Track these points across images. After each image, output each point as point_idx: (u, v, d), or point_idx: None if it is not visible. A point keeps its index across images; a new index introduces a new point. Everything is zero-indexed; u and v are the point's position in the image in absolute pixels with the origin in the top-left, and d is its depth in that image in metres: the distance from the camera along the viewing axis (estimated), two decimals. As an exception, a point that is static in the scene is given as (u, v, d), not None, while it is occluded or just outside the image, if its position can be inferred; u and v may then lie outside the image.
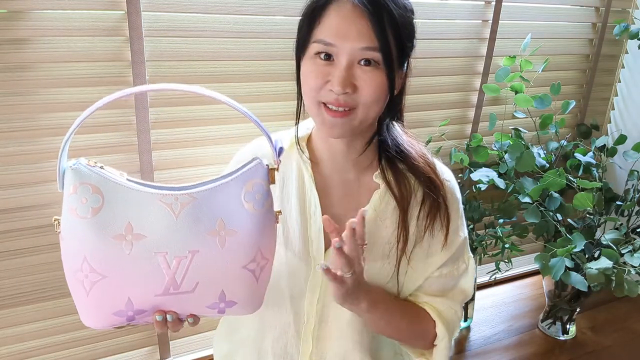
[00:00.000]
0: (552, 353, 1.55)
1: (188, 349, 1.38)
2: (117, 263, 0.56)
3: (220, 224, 0.58)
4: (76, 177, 0.57)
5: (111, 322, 0.60)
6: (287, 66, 1.22)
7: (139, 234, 0.56)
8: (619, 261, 1.31)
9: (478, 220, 1.50)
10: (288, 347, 0.84)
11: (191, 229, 0.57)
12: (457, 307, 0.86)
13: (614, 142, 1.58)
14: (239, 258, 0.60)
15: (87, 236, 0.55)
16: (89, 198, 0.56)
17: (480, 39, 1.50)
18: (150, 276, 0.57)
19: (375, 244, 0.79)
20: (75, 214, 0.56)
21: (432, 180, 0.79)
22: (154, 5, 1.05)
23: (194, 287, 0.59)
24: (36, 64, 1.00)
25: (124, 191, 0.57)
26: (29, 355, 1.18)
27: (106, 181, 0.57)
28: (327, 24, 0.69)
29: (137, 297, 0.58)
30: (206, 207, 0.58)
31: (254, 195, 0.61)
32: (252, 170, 0.61)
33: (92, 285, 0.56)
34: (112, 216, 0.56)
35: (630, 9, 1.74)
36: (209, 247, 0.58)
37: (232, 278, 0.60)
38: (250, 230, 0.60)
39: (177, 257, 0.57)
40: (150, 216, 0.57)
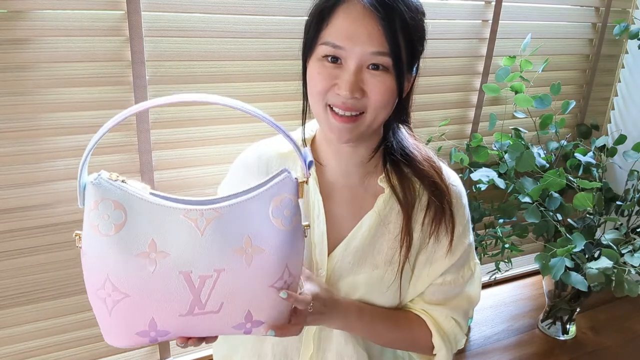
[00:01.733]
0: (552, 353, 1.55)
1: (188, 349, 1.38)
2: (141, 282, 0.54)
3: (247, 241, 0.56)
4: (97, 193, 0.54)
5: (134, 341, 0.58)
6: (287, 66, 1.22)
7: (163, 251, 0.54)
8: (619, 261, 1.31)
9: (478, 220, 1.50)
10: (288, 349, 0.84)
11: (217, 247, 0.55)
12: (458, 316, 0.84)
13: (614, 142, 1.58)
14: (266, 277, 0.57)
15: (109, 254, 0.53)
16: (111, 215, 0.53)
17: (480, 39, 1.50)
18: (174, 295, 0.55)
19: (379, 249, 0.78)
20: (97, 231, 0.54)
21: (437, 185, 0.78)
22: (154, 5, 1.05)
23: (219, 307, 0.57)
24: (36, 64, 1.00)
25: (147, 207, 0.55)
26: (29, 355, 1.18)
27: (128, 196, 0.54)
28: (336, 26, 0.66)
29: (160, 318, 0.56)
30: (232, 223, 0.55)
31: (282, 211, 0.57)
32: (280, 185, 0.58)
33: (115, 304, 0.54)
34: (135, 233, 0.54)
35: (630, 9, 1.74)
36: (235, 265, 0.55)
37: (258, 297, 0.58)
38: (278, 247, 0.57)
39: (202, 275, 0.55)
40: (174, 233, 0.54)
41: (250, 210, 0.56)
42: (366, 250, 0.78)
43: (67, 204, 1.10)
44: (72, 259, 1.14)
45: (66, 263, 1.14)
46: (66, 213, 1.10)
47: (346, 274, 0.78)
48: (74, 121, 1.06)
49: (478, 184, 1.45)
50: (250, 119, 1.23)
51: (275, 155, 0.83)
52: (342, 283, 0.78)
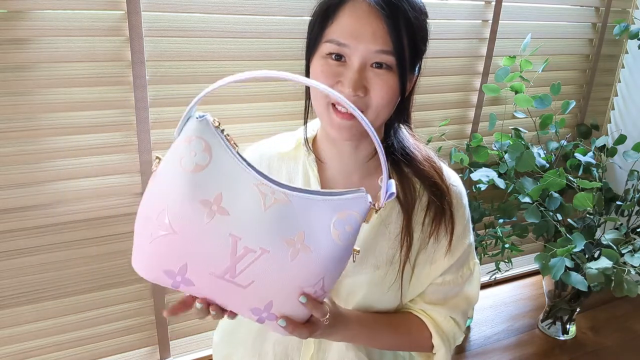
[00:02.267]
0: (552, 353, 1.55)
1: (188, 349, 1.38)
2: (192, 227, 0.54)
3: (300, 235, 0.56)
4: (197, 130, 0.55)
5: (158, 277, 0.58)
6: (287, 66, 1.22)
7: (225, 208, 0.54)
8: (619, 261, 1.31)
9: (478, 220, 1.50)
10: (289, 349, 0.84)
11: (272, 228, 0.55)
12: (457, 316, 0.84)
13: (614, 142, 1.58)
14: (302, 278, 0.58)
15: (179, 188, 0.54)
16: (198, 154, 0.54)
17: (480, 39, 1.50)
18: (215, 253, 0.55)
19: (380, 249, 0.78)
20: (179, 163, 0.54)
21: (438, 185, 0.78)
22: (154, 5, 1.05)
23: (247, 284, 0.57)
24: (36, 64, 1.00)
25: (231, 162, 0.56)
26: (29, 355, 1.18)
27: (221, 146, 0.56)
28: (341, 24, 0.67)
29: (193, 267, 0.56)
30: (295, 214, 0.56)
31: (345, 225, 0.58)
32: (353, 200, 0.58)
33: (159, 236, 0.55)
34: (209, 180, 0.54)
35: (630, 9, 1.74)
36: (280, 253, 0.56)
37: (285, 293, 0.58)
38: (324, 256, 0.57)
39: (247, 247, 0.55)
40: (242, 197, 0.55)
41: (316, 211, 0.57)
42: (367, 251, 0.78)
43: (67, 204, 1.10)
44: (72, 259, 1.14)
45: (66, 263, 1.14)
46: (66, 213, 1.10)
47: (347, 274, 0.78)
48: (74, 121, 1.06)
49: (478, 184, 1.45)
50: (252, 118, 1.24)
51: (276, 154, 0.83)
52: (344, 283, 0.78)
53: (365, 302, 0.79)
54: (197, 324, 1.37)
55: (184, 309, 0.62)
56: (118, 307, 1.24)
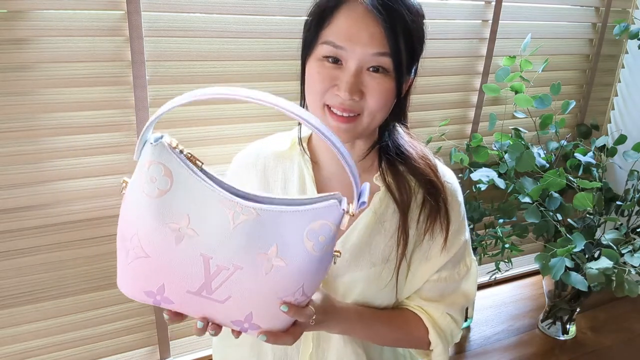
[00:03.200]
0: (552, 353, 1.55)
1: (188, 349, 1.38)
2: (163, 250, 0.55)
3: (273, 250, 0.56)
4: (153, 154, 0.54)
5: (140, 297, 0.60)
6: (287, 66, 1.22)
7: (193, 230, 0.55)
8: (619, 261, 1.31)
9: (478, 220, 1.50)
10: (288, 348, 0.84)
11: (243, 244, 0.55)
12: (454, 312, 0.84)
13: (614, 142, 1.58)
14: (279, 290, 0.57)
15: (145, 214, 0.54)
16: (159, 179, 0.54)
17: (480, 39, 1.50)
18: (189, 273, 0.56)
19: (375, 246, 0.79)
20: (142, 190, 0.54)
21: (433, 183, 0.78)
22: (154, 5, 1.05)
23: (224, 299, 0.58)
24: (36, 64, 1.00)
25: (194, 183, 0.55)
26: (29, 355, 1.18)
27: (181, 168, 0.55)
28: (338, 26, 0.67)
29: (170, 286, 0.57)
30: (266, 229, 0.55)
31: (318, 236, 0.56)
32: (326, 210, 0.56)
33: (135, 259, 0.56)
34: (174, 203, 0.54)
35: (630, 9, 1.74)
36: (254, 268, 0.56)
37: (265, 305, 0.59)
38: (300, 268, 0.57)
39: (219, 265, 0.55)
40: (210, 216, 0.55)
41: (288, 223, 0.56)
42: (363, 248, 0.78)
43: (67, 204, 1.10)
44: (72, 259, 1.14)
45: (66, 263, 1.14)
46: (66, 213, 1.10)
47: (344, 272, 0.78)
48: (74, 121, 1.06)
49: (478, 184, 1.45)
50: (251, 119, 1.24)
51: (272, 154, 0.84)
52: (341, 281, 0.79)
53: (362, 299, 0.80)
54: (197, 324, 1.37)
55: (178, 318, 0.63)
56: (118, 307, 1.24)
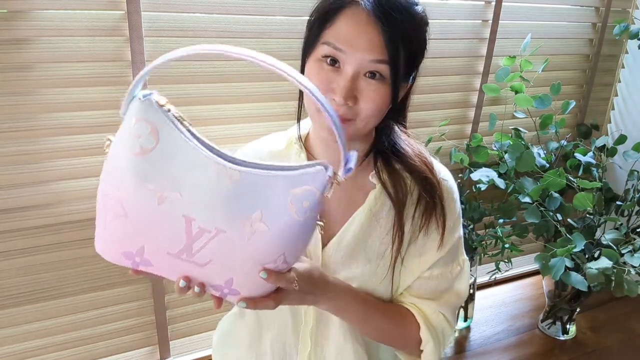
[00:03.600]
0: (552, 353, 1.55)
1: (188, 349, 1.38)
2: (144, 210, 0.53)
3: (257, 215, 0.54)
4: (141, 111, 0.53)
5: (118, 259, 0.58)
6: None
7: (176, 190, 0.53)
8: (619, 261, 1.31)
9: (478, 220, 1.50)
10: (286, 347, 0.84)
11: (226, 208, 0.54)
12: (446, 311, 0.84)
13: (614, 142, 1.58)
14: (260, 255, 0.56)
15: (127, 172, 0.52)
16: (144, 137, 0.52)
17: (480, 39, 1.50)
18: (170, 235, 0.55)
19: (371, 243, 0.79)
20: (125, 146, 0.52)
21: (429, 180, 0.79)
22: (154, 5, 1.05)
23: (205, 263, 0.56)
24: (37, 64, 1.00)
25: (179, 143, 0.53)
26: (29, 355, 1.18)
27: (167, 127, 0.53)
28: (339, 28, 0.67)
29: (150, 248, 0.56)
30: (250, 191, 0.54)
31: (302, 201, 0.55)
32: (311, 175, 0.55)
33: (115, 218, 0.54)
34: (157, 163, 0.52)
35: (630, 9, 1.74)
36: (236, 233, 0.54)
37: (245, 270, 0.57)
38: (282, 232, 0.56)
39: (202, 227, 0.54)
40: (194, 179, 0.53)
41: (272, 187, 0.55)
42: (358, 245, 0.79)
43: (67, 204, 1.10)
44: (72, 259, 1.14)
45: (66, 263, 1.14)
46: (66, 213, 1.10)
47: (339, 269, 0.79)
48: (74, 121, 1.06)
49: (478, 184, 1.45)
50: (251, 119, 1.23)
51: (267, 153, 0.84)
52: (338, 277, 0.79)
53: None
54: (197, 324, 1.37)
55: (141, 275, 0.62)
56: (118, 307, 1.24)
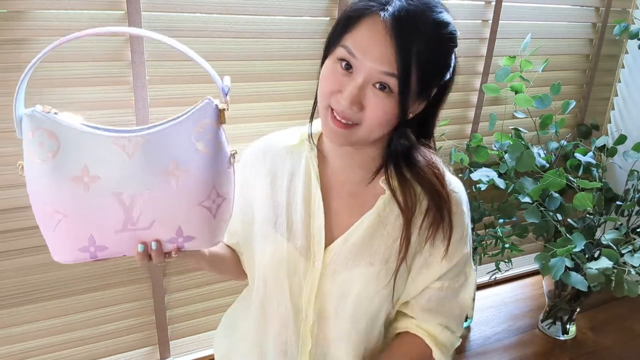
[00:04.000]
0: (552, 353, 1.55)
1: (188, 349, 1.38)
2: (76, 203, 0.59)
3: (173, 164, 0.61)
4: (33, 123, 0.59)
5: (76, 257, 0.63)
6: (287, 66, 1.22)
7: (95, 175, 0.59)
8: (619, 261, 1.31)
9: (478, 220, 1.50)
10: (288, 343, 0.85)
11: (144, 169, 0.60)
12: (452, 323, 0.86)
13: (614, 142, 1.58)
14: (193, 196, 0.62)
15: (46, 179, 0.58)
16: (46, 143, 0.58)
17: (480, 39, 1.50)
18: (108, 214, 0.60)
19: (376, 248, 0.79)
20: (34, 159, 0.59)
21: (438, 192, 0.78)
22: (154, 5, 1.05)
23: (150, 224, 0.62)
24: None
25: (78, 135, 0.59)
26: (29, 355, 1.18)
27: (60, 126, 0.59)
28: (357, 34, 0.67)
29: (98, 234, 0.61)
30: (159, 148, 0.60)
31: (205, 135, 0.62)
32: (201, 110, 0.62)
33: (57, 224, 0.60)
34: (68, 159, 0.59)
35: (630, 9, 1.74)
36: (163, 186, 0.60)
37: (188, 215, 0.63)
38: (202, 168, 0.62)
39: (132, 195, 0.60)
40: (104, 158, 0.59)
41: (174, 136, 0.61)
42: (363, 248, 0.79)
43: (67, 204, 1.10)
44: (72, 259, 1.14)
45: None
46: (66, 213, 1.10)
47: (342, 269, 0.79)
48: (74, 121, 1.06)
49: (478, 184, 1.45)
50: (251, 120, 1.23)
51: (283, 148, 0.85)
52: (339, 277, 0.80)
53: (359, 300, 0.80)
54: (197, 324, 1.37)
55: None
56: (118, 307, 1.24)
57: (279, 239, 0.81)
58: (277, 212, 0.82)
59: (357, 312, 0.81)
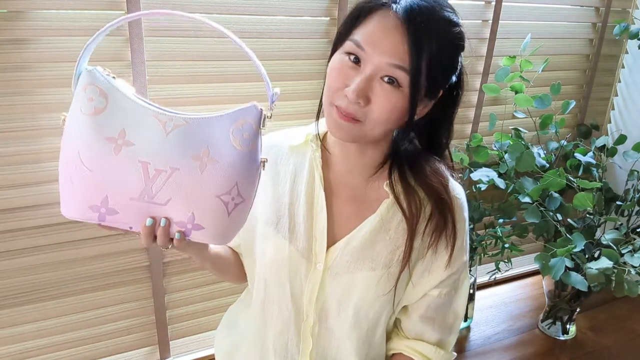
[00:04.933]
0: (552, 353, 1.55)
1: (188, 349, 1.38)
2: (104, 161, 0.61)
3: (205, 151, 0.63)
4: (89, 78, 0.62)
5: (85, 215, 0.64)
6: (288, 66, 1.22)
7: (129, 141, 0.61)
8: (619, 261, 1.31)
9: (478, 220, 1.50)
10: (289, 344, 0.85)
11: (177, 149, 0.62)
12: (445, 335, 0.87)
13: (614, 142, 1.58)
14: (215, 186, 0.63)
15: (84, 132, 0.61)
16: (95, 98, 0.61)
17: (480, 39, 1.50)
18: (129, 180, 0.62)
19: (378, 252, 0.79)
20: (80, 110, 0.61)
21: (442, 200, 0.78)
22: (154, 6, 1.05)
23: (166, 201, 0.63)
24: (36, 64, 1.00)
25: (126, 101, 0.62)
26: (29, 355, 1.18)
27: (114, 89, 0.62)
28: (367, 28, 0.67)
29: (113, 196, 0.63)
30: (196, 133, 0.63)
31: (242, 133, 0.64)
32: (245, 110, 0.65)
33: (79, 179, 0.62)
34: (110, 119, 0.61)
35: (630, 9, 1.74)
36: (189, 169, 0.62)
37: (204, 203, 0.64)
38: (230, 163, 0.63)
39: (157, 169, 0.62)
40: (143, 128, 0.62)
41: (214, 127, 0.64)
42: (365, 252, 0.79)
43: (67, 204, 1.10)
44: (72, 259, 1.14)
45: (66, 263, 1.14)
46: (66, 213, 1.10)
47: (343, 272, 0.79)
48: (74, 121, 1.06)
49: (478, 184, 1.45)
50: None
51: (287, 147, 0.85)
52: (340, 280, 0.79)
53: (360, 304, 0.80)
54: (197, 324, 1.37)
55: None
56: (118, 307, 1.24)
57: (281, 241, 0.80)
58: (279, 213, 0.81)
59: (358, 315, 0.81)
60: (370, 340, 0.84)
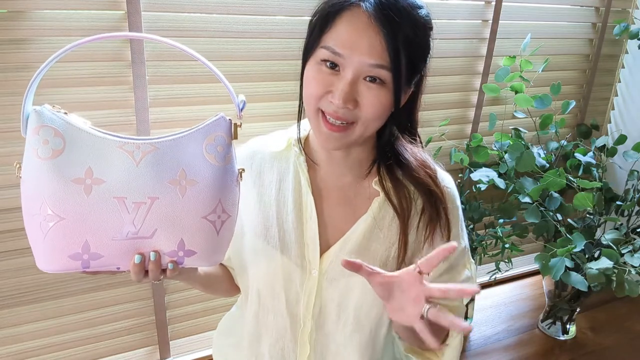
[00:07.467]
0: (552, 353, 1.55)
1: (188, 349, 1.38)
2: (76, 206, 0.57)
3: (181, 173, 0.60)
4: (39, 120, 0.57)
5: (66, 265, 0.60)
6: (287, 66, 1.22)
7: (99, 178, 0.57)
8: (619, 261, 1.31)
9: (478, 220, 1.50)
10: (285, 351, 0.83)
11: (152, 177, 0.58)
12: None
13: (614, 142, 1.58)
14: (199, 208, 0.61)
15: (46, 178, 0.57)
16: (51, 140, 0.57)
17: (480, 39, 1.50)
18: (107, 219, 0.58)
19: (374, 252, 0.78)
20: (36, 155, 0.57)
21: (433, 192, 0.77)
22: (154, 5, 1.05)
23: (151, 233, 0.60)
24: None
25: (85, 137, 0.58)
26: (29, 355, 1.18)
27: (69, 126, 0.58)
28: (339, 32, 0.65)
29: (94, 240, 0.59)
30: (168, 157, 0.60)
31: (216, 147, 0.61)
32: (214, 124, 0.62)
33: (50, 228, 0.57)
34: (72, 160, 0.57)
35: (630, 9, 1.74)
36: (169, 195, 0.59)
37: (192, 227, 0.61)
38: (210, 181, 0.61)
39: (135, 202, 0.58)
40: (110, 162, 0.58)
41: (185, 146, 0.61)
42: (361, 253, 0.78)
43: (67, 204, 1.10)
44: (72, 259, 1.14)
45: (66, 263, 1.14)
46: (66, 213, 1.10)
47: (340, 276, 0.78)
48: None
49: (478, 184, 1.45)
50: (251, 120, 1.23)
51: (269, 154, 0.83)
52: (337, 285, 0.78)
53: (360, 305, 0.79)
54: (197, 324, 1.37)
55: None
56: (118, 307, 1.24)
57: (272, 252, 0.78)
58: (267, 224, 0.79)
59: (359, 316, 0.79)
60: (374, 342, 0.83)
